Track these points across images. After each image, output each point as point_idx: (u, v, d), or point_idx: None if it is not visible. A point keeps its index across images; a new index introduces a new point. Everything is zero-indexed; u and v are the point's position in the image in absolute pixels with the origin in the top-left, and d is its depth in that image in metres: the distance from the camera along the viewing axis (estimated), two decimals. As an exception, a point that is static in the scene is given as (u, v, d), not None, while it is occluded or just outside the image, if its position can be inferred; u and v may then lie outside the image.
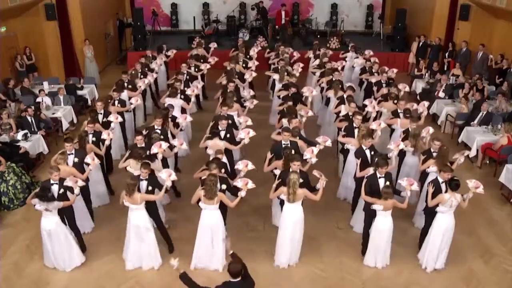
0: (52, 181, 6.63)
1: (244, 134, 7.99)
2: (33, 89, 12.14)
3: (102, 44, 16.91)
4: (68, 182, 6.63)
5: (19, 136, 9.58)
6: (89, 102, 12.99)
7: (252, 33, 18.03)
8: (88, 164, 7.35)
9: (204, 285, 4.91)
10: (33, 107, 10.48)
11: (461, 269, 6.94)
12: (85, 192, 7.55)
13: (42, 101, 11.22)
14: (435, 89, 12.56)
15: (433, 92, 12.56)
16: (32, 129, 10.03)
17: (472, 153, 10.03)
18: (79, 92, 12.67)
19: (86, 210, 7.68)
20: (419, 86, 13.62)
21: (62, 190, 6.63)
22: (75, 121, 11.69)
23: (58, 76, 14.10)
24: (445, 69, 14.52)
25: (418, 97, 13.00)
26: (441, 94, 12.35)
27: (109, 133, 8.29)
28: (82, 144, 7.82)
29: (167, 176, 6.67)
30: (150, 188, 6.74)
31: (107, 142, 8.25)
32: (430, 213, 6.81)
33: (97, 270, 6.83)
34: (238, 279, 4.76)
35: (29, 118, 10.13)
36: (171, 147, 8.08)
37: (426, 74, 13.79)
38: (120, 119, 9.21)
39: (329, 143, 7.81)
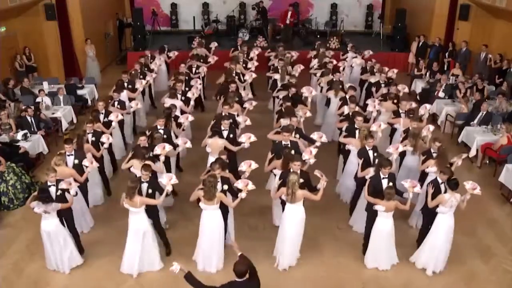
0: (49, 183, 6.59)
1: (245, 139, 7.97)
2: (33, 89, 12.14)
3: (102, 44, 16.89)
4: (62, 185, 6.60)
5: (19, 136, 9.58)
6: (89, 102, 12.99)
7: (252, 33, 18.02)
8: (86, 167, 7.35)
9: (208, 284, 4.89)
10: (32, 107, 10.48)
11: (461, 269, 6.94)
12: (83, 193, 7.58)
13: (42, 101, 11.22)
14: (435, 89, 12.56)
15: (433, 92, 12.56)
16: (32, 129, 10.02)
17: (472, 153, 10.03)
18: (79, 92, 12.67)
19: (85, 210, 7.68)
20: (419, 86, 13.62)
21: (59, 192, 6.60)
22: (74, 121, 11.68)
23: (58, 76, 14.10)
24: (445, 69, 14.52)
25: (418, 97, 13.02)
26: (441, 94, 12.35)
27: (109, 137, 8.28)
28: (80, 143, 7.79)
29: (167, 181, 6.60)
30: (150, 191, 6.69)
31: (105, 146, 8.24)
32: (429, 214, 6.82)
33: (97, 270, 6.83)
34: (244, 278, 4.74)
35: (28, 118, 10.13)
36: (175, 146, 8.08)
37: (426, 74, 13.78)
38: (120, 117, 9.24)
39: (324, 138, 8.03)
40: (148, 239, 6.65)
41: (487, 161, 10.09)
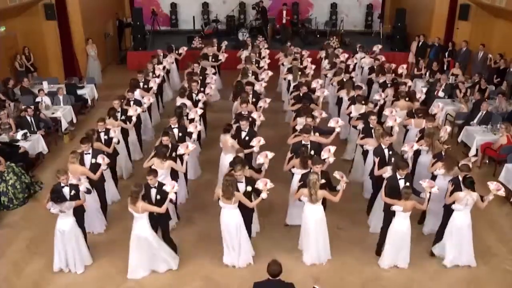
0: (62, 184, 6.57)
1: (256, 142, 7.94)
2: (33, 89, 12.14)
3: (102, 44, 16.88)
4: (72, 181, 6.61)
5: (19, 136, 9.57)
6: (89, 102, 12.99)
7: (252, 32, 18.01)
8: (99, 164, 7.35)
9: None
10: (32, 107, 10.47)
11: (461, 269, 6.94)
12: (101, 191, 7.60)
13: (42, 101, 11.21)
14: (434, 89, 12.56)
15: (432, 91, 12.56)
16: (32, 129, 10.02)
17: (472, 152, 10.04)
18: (79, 92, 12.67)
19: (99, 211, 7.66)
20: (418, 85, 13.61)
21: (73, 192, 6.59)
22: (74, 120, 11.67)
23: (57, 76, 14.09)
24: (445, 68, 14.51)
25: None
26: (441, 94, 12.35)
27: (115, 130, 8.31)
28: (91, 142, 7.77)
29: (171, 189, 6.50)
30: (158, 197, 6.57)
31: (114, 140, 8.25)
32: (448, 210, 6.86)
33: (97, 271, 6.82)
34: (278, 278, 4.92)
35: (28, 118, 10.12)
36: (190, 134, 8.27)
37: (426, 74, 13.79)
38: (139, 110, 9.33)
39: (341, 122, 8.21)
40: (152, 244, 6.55)
41: (487, 161, 10.09)
